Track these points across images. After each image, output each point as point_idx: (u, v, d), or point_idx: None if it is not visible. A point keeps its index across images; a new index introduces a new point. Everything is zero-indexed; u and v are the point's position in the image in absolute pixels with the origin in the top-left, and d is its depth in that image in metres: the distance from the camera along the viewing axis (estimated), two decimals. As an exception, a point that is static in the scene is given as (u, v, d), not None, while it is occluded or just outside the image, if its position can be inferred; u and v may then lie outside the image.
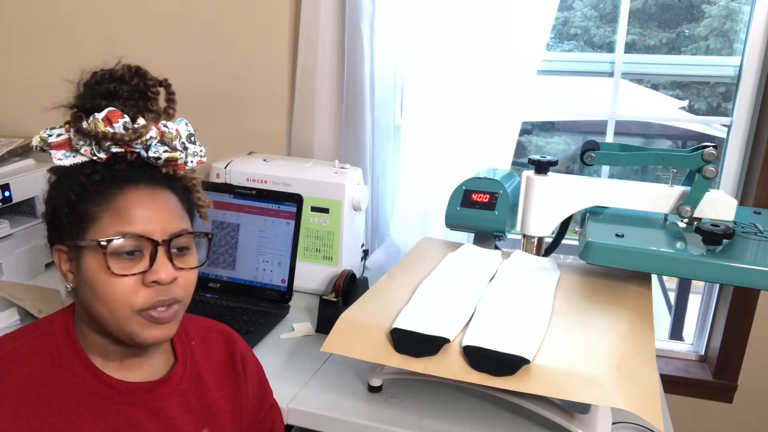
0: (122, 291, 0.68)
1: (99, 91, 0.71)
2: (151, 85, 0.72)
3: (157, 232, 0.69)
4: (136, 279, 0.68)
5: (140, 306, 0.68)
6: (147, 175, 0.71)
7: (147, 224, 0.69)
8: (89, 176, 0.69)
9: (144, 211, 0.69)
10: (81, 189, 0.69)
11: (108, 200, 0.68)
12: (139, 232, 0.68)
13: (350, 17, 1.52)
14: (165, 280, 0.69)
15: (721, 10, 1.67)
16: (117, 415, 0.71)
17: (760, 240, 1.11)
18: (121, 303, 0.68)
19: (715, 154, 1.11)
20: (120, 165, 0.70)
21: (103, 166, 0.70)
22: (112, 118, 0.68)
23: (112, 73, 0.72)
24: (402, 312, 0.99)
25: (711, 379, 1.68)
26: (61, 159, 0.70)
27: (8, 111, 1.87)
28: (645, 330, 1.00)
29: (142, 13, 1.74)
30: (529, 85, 1.49)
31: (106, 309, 0.69)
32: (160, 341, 0.72)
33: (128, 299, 0.68)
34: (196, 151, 0.75)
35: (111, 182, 0.69)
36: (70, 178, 0.70)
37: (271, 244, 1.42)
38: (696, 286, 2.01)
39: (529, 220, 1.24)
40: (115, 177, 0.69)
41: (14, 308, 1.27)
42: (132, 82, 0.71)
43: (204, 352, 0.83)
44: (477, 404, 1.05)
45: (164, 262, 0.69)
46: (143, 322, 0.69)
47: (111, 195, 0.69)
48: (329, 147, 1.66)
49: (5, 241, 1.45)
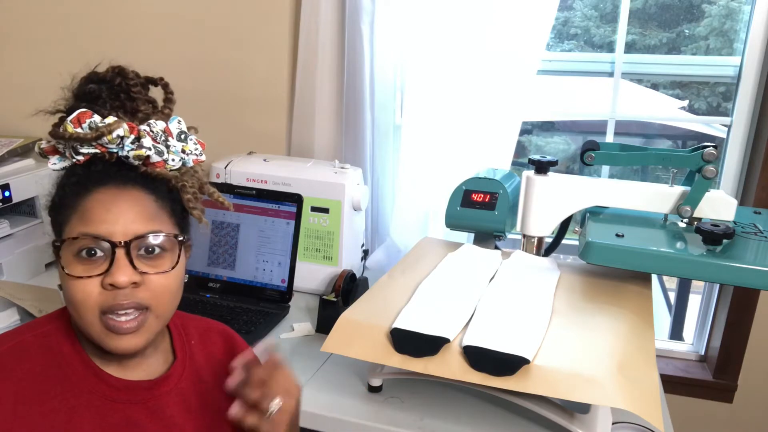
0: (83, 293, 0.66)
1: (80, 93, 0.71)
2: (133, 84, 0.71)
3: (118, 233, 0.67)
4: (97, 281, 0.66)
5: (99, 308, 0.66)
6: (120, 175, 0.69)
7: (107, 225, 0.67)
8: (69, 178, 0.70)
9: (104, 212, 0.67)
10: (62, 191, 0.70)
11: (77, 202, 0.68)
12: (95, 233, 0.66)
13: (350, 17, 1.52)
14: (121, 283, 0.66)
15: (721, 10, 1.67)
16: (116, 413, 0.71)
17: (760, 240, 1.11)
18: (83, 306, 0.67)
19: (715, 154, 1.11)
20: (96, 166, 0.69)
21: (81, 167, 0.70)
22: (81, 119, 0.67)
23: (95, 74, 0.71)
24: (402, 312, 0.99)
25: (711, 379, 1.68)
26: (54, 164, 0.71)
27: (8, 111, 1.87)
28: (645, 330, 1.00)
29: (142, 14, 1.74)
30: (529, 85, 1.49)
31: (74, 311, 0.68)
32: (128, 351, 0.69)
33: (89, 302, 0.66)
34: (188, 149, 0.73)
35: (84, 184, 0.69)
36: (58, 182, 0.72)
37: (271, 244, 1.42)
38: (696, 286, 2.01)
39: (529, 220, 1.24)
40: (88, 178, 0.69)
41: (14, 308, 1.27)
42: (114, 82, 0.71)
43: (204, 352, 0.83)
44: (477, 404, 1.05)
45: (122, 265, 0.66)
46: (104, 330, 0.67)
47: (80, 197, 0.68)
48: (329, 147, 1.66)
49: (5, 241, 1.45)
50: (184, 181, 0.73)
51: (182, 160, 0.73)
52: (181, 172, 0.74)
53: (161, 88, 0.76)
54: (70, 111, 0.69)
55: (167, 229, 0.71)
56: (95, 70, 0.72)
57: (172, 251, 0.71)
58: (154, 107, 0.74)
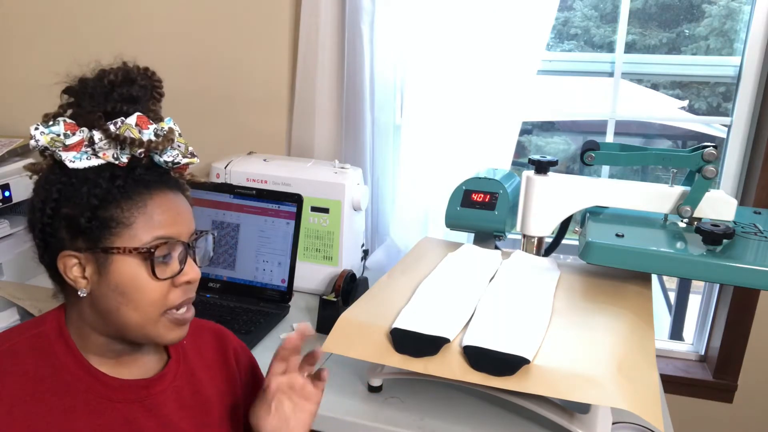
0: (158, 294, 0.69)
1: (119, 93, 0.69)
2: (159, 86, 0.73)
3: (185, 233, 0.71)
4: (169, 281, 0.70)
5: (171, 306, 0.71)
6: (165, 179, 0.72)
7: (178, 227, 0.71)
8: (111, 180, 0.67)
9: (176, 215, 0.71)
10: (105, 193, 0.67)
11: (139, 205, 0.68)
12: (173, 236, 0.70)
13: (350, 17, 1.52)
14: (196, 279, 0.72)
15: (722, 10, 1.67)
16: (113, 412, 0.72)
17: (760, 240, 1.11)
18: (154, 306, 0.69)
19: (715, 154, 1.11)
20: (140, 169, 0.70)
21: (122, 170, 0.69)
22: (142, 125, 0.68)
23: (128, 74, 0.70)
24: (402, 312, 1.00)
25: (711, 379, 1.68)
26: (74, 161, 0.67)
27: (8, 111, 1.87)
28: (645, 330, 1.00)
29: (142, 14, 1.74)
30: (529, 85, 1.49)
31: (138, 313, 0.69)
32: (181, 339, 0.74)
33: (161, 302, 0.70)
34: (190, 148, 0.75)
35: (137, 186, 0.69)
36: (86, 182, 0.67)
37: (271, 244, 1.42)
38: (696, 286, 2.01)
39: (529, 220, 1.24)
40: (137, 181, 0.69)
41: (14, 308, 1.27)
42: (144, 84, 0.71)
43: (196, 350, 0.83)
44: (477, 404, 1.05)
45: (193, 263, 0.72)
46: (168, 324, 0.71)
47: (141, 199, 0.68)
48: (329, 147, 1.66)
49: (5, 241, 1.45)
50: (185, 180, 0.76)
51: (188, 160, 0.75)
52: None
53: None
54: (116, 113, 0.68)
55: None
56: (126, 67, 0.71)
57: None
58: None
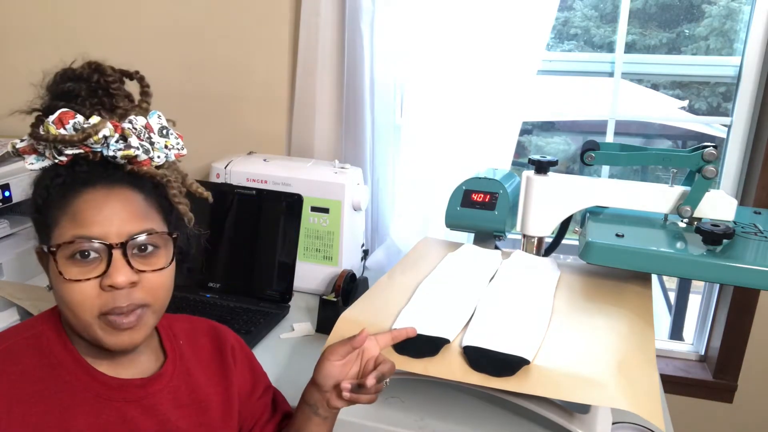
0: (80, 296, 0.66)
1: (58, 91, 0.70)
2: (111, 81, 0.70)
3: (113, 234, 0.67)
4: (95, 283, 0.66)
5: (98, 310, 0.67)
6: (107, 175, 0.69)
7: (101, 227, 0.66)
8: (53, 179, 0.68)
9: (97, 214, 0.67)
10: (46, 193, 0.68)
11: (66, 204, 0.67)
12: (91, 235, 0.66)
13: (350, 17, 1.52)
14: (121, 284, 0.66)
15: (722, 10, 1.67)
16: (111, 411, 0.72)
17: (760, 240, 1.11)
18: (81, 308, 0.66)
19: (715, 154, 1.11)
20: (81, 167, 0.68)
21: (65, 168, 0.68)
22: (64, 120, 0.66)
23: (72, 71, 0.70)
24: (402, 312, 0.99)
25: (711, 379, 1.68)
26: (32, 164, 0.69)
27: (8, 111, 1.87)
28: (645, 330, 1.00)
29: (141, 14, 1.74)
30: (529, 85, 1.49)
31: (70, 313, 0.68)
32: (127, 347, 0.70)
33: (87, 304, 0.66)
34: (170, 144, 0.72)
35: (71, 185, 0.68)
36: (39, 183, 0.70)
37: (271, 244, 1.42)
38: (696, 286, 2.01)
39: (529, 220, 1.24)
40: (75, 179, 0.68)
41: (14, 308, 1.27)
42: (92, 80, 0.69)
43: (192, 350, 0.83)
44: (477, 404, 1.05)
45: (120, 266, 0.66)
46: (105, 327, 0.68)
47: (69, 198, 0.67)
48: (329, 147, 1.66)
49: (5, 241, 1.45)
50: (168, 176, 0.72)
51: (166, 155, 0.72)
52: (164, 167, 0.73)
53: (137, 81, 0.74)
54: (49, 110, 0.68)
55: (158, 226, 0.71)
56: (71, 67, 0.71)
57: (166, 248, 0.71)
58: (131, 102, 0.72)
